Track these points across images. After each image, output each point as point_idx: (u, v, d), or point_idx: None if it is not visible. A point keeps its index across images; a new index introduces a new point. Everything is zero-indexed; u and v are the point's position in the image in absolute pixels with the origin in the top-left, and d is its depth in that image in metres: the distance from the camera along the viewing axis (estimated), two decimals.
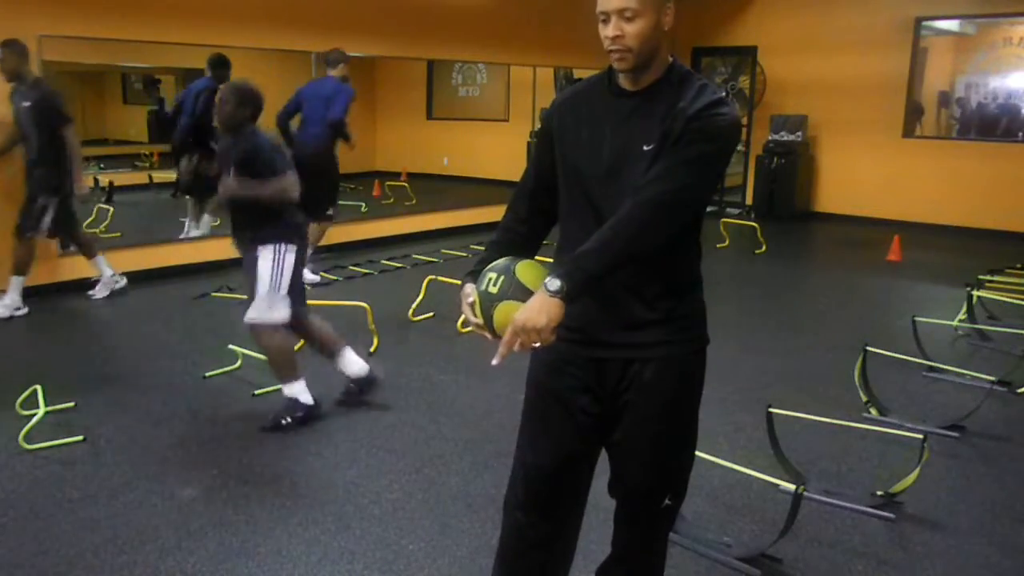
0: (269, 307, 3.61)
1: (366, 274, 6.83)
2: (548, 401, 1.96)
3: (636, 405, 1.90)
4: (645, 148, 1.77)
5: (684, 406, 1.98)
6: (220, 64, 6.56)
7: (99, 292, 5.91)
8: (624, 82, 1.83)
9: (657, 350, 1.88)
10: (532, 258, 1.98)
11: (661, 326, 1.87)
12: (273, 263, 3.59)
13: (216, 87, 6.09)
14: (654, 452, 1.95)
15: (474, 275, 1.99)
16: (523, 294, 1.84)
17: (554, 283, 1.68)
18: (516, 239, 2.03)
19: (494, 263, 1.93)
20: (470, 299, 1.92)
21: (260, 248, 3.59)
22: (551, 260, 1.96)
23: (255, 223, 3.61)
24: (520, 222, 2.03)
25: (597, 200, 1.84)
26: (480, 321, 1.89)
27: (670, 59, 1.81)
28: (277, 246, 3.59)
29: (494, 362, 1.75)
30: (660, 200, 1.71)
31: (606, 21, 1.76)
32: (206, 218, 7.07)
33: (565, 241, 1.92)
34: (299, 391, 3.76)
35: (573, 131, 1.88)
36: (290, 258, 3.63)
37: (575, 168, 1.88)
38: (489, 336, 1.90)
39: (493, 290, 1.87)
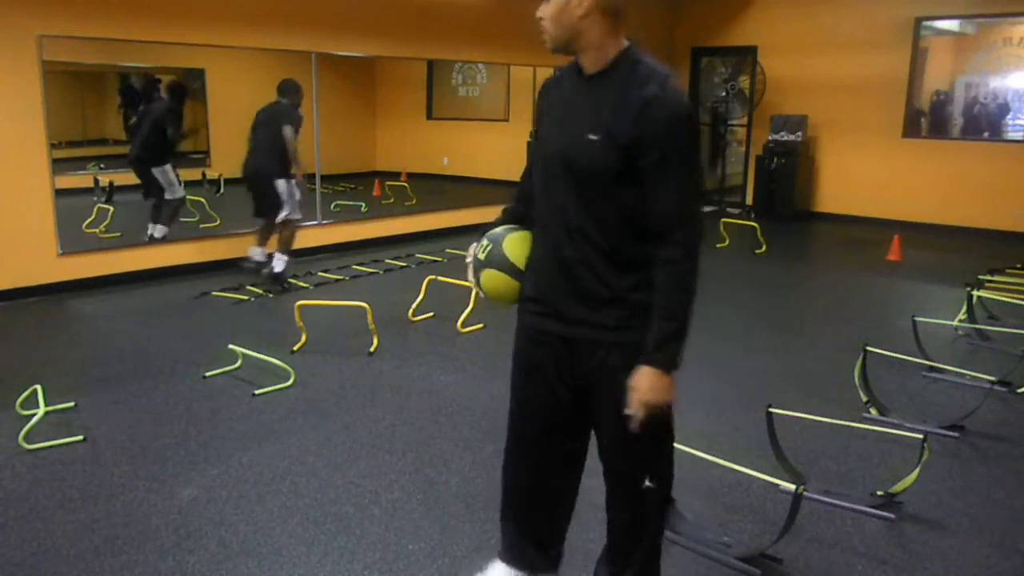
0: None
1: (369, 273, 6.83)
2: (529, 370, 2.09)
3: (605, 389, 1.97)
4: (590, 137, 1.85)
5: None
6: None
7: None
8: (583, 64, 1.93)
9: (620, 335, 1.93)
10: (531, 229, 2.13)
11: (620, 308, 1.93)
12: None
13: None
14: (624, 435, 2.00)
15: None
16: (504, 265, 2.07)
17: (658, 366, 1.87)
18: (519, 210, 2.19)
19: (493, 231, 2.14)
20: (468, 259, 2.15)
21: None
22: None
23: None
24: (523, 195, 2.17)
25: (549, 179, 1.98)
26: (473, 282, 2.14)
27: (618, 48, 1.88)
28: None
29: (633, 429, 1.93)
30: (681, 241, 1.85)
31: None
32: None
33: (537, 218, 2.05)
34: None
35: (547, 110, 2.03)
36: None
37: (542, 145, 2.01)
38: (481, 295, 2.17)
39: (482, 256, 2.10)
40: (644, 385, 1.87)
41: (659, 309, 1.87)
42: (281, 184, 6.03)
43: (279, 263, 6.13)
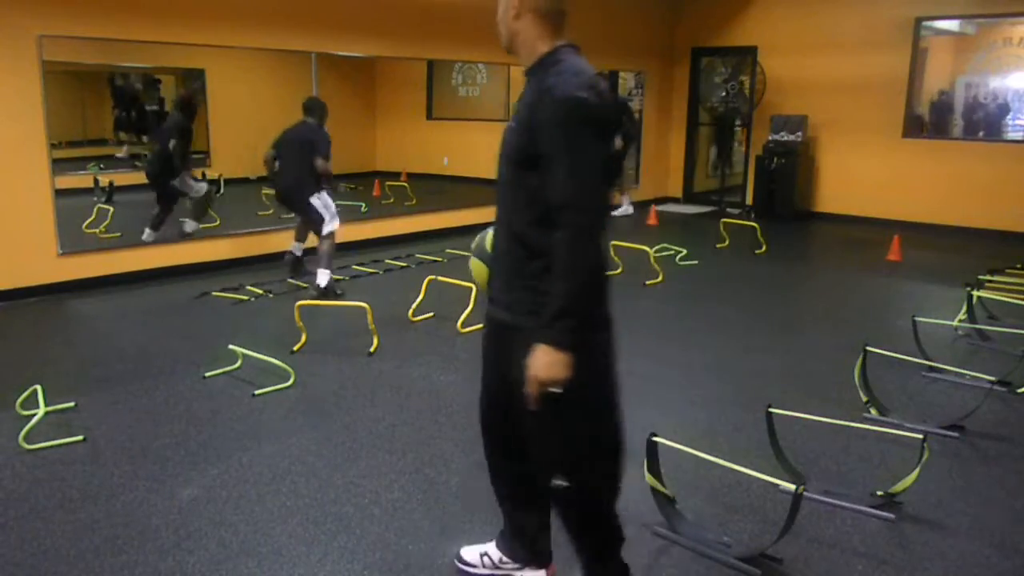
0: None
1: (369, 273, 6.82)
2: (484, 354, 2.27)
3: (517, 374, 2.01)
4: (511, 125, 2.03)
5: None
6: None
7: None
8: (522, 63, 2.09)
9: (531, 320, 1.98)
10: None
11: (531, 294, 1.99)
12: None
13: None
14: (529, 427, 2.11)
15: None
16: (483, 255, 2.26)
17: (548, 342, 1.90)
18: None
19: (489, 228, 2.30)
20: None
21: None
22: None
23: None
24: None
25: (497, 172, 2.11)
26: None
27: (548, 48, 2.01)
28: None
29: (529, 407, 1.99)
30: (571, 223, 1.87)
31: None
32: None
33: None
34: None
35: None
36: None
37: None
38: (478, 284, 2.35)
39: (473, 247, 2.34)
40: (535, 361, 1.92)
41: (552, 287, 1.92)
42: (315, 201, 6.10)
43: (323, 278, 6.04)
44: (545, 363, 1.90)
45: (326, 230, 6.09)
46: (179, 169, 7.24)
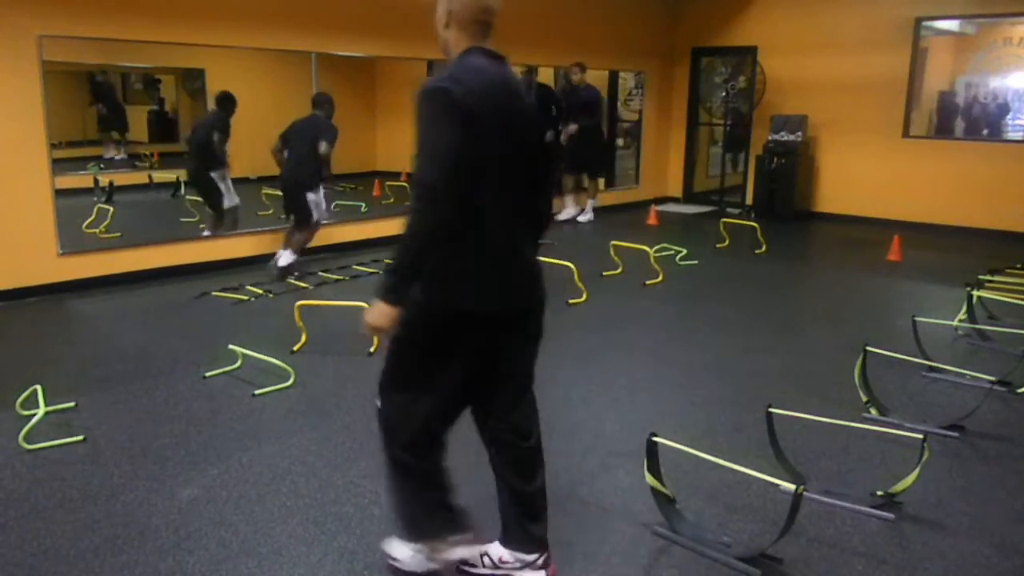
0: None
1: (369, 274, 6.82)
2: None
3: None
4: None
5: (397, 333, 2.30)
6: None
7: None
8: None
9: None
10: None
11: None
12: None
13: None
14: None
15: None
16: None
17: (376, 294, 2.16)
18: None
19: None
20: None
21: None
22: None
23: None
24: None
25: None
26: None
27: (459, 52, 2.23)
28: None
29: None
30: (414, 197, 2.09)
31: None
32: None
33: None
34: None
35: None
36: None
37: None
38: None
39: None
40: (370, 309, 2.20)
41: None
42: (311, 196, 6.46)
43: (285, 259, 6.42)
44: (373, 312, 2.17)
45: (313, 221, 6.55)
46: (220, 163, 7.29)
